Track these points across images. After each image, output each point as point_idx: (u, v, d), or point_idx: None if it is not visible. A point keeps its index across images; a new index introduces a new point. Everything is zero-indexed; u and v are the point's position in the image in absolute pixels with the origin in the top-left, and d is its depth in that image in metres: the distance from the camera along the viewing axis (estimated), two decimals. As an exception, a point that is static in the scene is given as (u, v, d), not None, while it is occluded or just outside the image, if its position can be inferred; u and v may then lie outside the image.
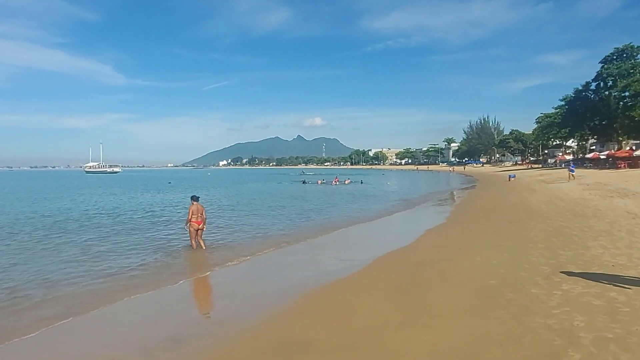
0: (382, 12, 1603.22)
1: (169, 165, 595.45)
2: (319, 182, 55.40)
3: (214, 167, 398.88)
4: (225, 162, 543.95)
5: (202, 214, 11.51)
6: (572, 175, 33.26)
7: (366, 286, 7.60)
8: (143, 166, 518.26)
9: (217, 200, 30.00)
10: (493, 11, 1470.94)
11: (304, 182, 56.32)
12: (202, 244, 11.56)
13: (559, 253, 8.79)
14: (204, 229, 11.73)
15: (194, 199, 11.79)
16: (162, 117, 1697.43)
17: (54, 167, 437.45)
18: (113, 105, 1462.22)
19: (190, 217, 11.30)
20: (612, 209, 15.01)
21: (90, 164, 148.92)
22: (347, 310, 6.33)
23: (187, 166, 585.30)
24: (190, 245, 11.54)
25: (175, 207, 24.24)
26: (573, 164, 39.22)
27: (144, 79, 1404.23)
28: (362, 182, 52.37)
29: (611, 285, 6.24)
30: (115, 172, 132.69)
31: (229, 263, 10.23)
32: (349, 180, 54.34)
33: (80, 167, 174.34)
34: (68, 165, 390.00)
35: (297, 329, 5.71)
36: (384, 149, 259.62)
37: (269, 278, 8.94)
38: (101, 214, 21.47)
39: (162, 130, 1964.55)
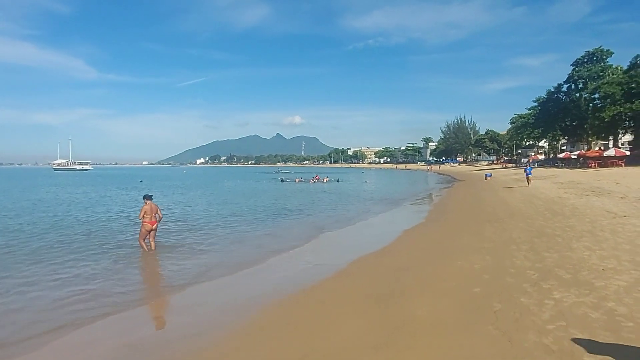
0: (362, 11, 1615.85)
1: (144, 162, 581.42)
2: (297, 180, 54.55)
3: (191, 165, 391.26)
4: (202, 160, 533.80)
5: (156, 214, 10.76)
6: (529, 178, 28.63)
7: (338, 297, 6.82)
8: (116, 164, 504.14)
9: (191, 200, 28.74)
10: (470, 13, 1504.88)
11: (282, 180, 55.48)
12: (153, 245, 10.87)
13: (544, 255, 8.25)
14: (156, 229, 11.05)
15: (147, 197, 11.00)
16: (137, 114, 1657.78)
17: (20, 164, 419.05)
18: (85, 100, 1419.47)
19: (142, 217, 10.56)
20: (590, 207, 14.79)
21: (59, 161, 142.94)
22: (314, 327, 5.53)
23: (163, 164, 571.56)
24: (140, 247, 10.79)
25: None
26: (530, 165, 32.62)
27: (118, 73, 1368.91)
28: (338, 181, 51.71)
29: (606, 294, 5.67)
30: (85, 170, 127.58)
31: (191, 270, 9.28)
32: (327, 179, 53.73)
33: (49, 164, 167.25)
34: (36, 163, 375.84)
35: (252, 353, 4.86)
36: (363, 148, 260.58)
37: (231, 288, 8.04)
38: (53, 215, 19.96)
39: (136, 126, 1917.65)
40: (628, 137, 60.96)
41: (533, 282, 6.53)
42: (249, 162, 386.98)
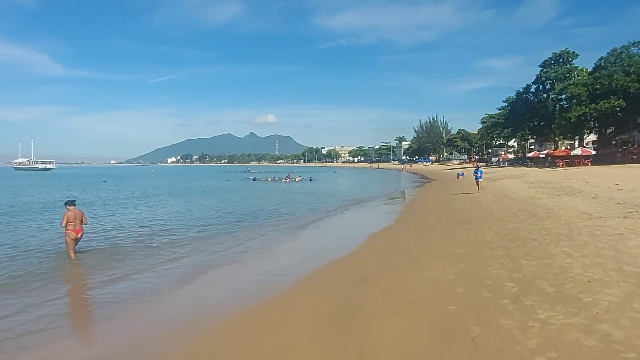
0: (334, 11, 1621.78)
1: (112, 161, 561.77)
2: (269, 179, 53.44)
3: (162, 165, 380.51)
4: (174, 158, 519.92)
5: (81, 221, 9.60)
6: (479, 182, 24.08)
7: (290, 317, 5.80)
8: (82, 162, 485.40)
9: (152, 204, 27.06)
10: (440, 15, 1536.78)
11: (253, 180, 54.30)
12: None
13: (522, 263, 7.50)
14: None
15: (70, 203, 9.81)
16: (105, 111, 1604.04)
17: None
18: (49, 96, 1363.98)
19: (65, 224, 9.43)
20: (564, 208, 14.39)
21: (20, 159, 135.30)
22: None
23: (132, 163, 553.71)
24: (68, 256, 9.68)
25: (90, 208, 21.16)
26: (480, 168, 26.06)
27: (85, 69, 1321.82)
28: (311, 180, 50.78)
29: (597, 312, 4.90)
30: (48, 169, 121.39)
31: (128, 287, 8.07)
32: (300, 178, 52.79)
33: (9, 163, 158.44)
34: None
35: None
36: (337, 147, 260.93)
37: (167, 305, 6.87)
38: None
39: (104, 124, 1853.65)
40: (592, 137, 62.84)
41: (513, 297, 5.72)
42: (222, 161, 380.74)
